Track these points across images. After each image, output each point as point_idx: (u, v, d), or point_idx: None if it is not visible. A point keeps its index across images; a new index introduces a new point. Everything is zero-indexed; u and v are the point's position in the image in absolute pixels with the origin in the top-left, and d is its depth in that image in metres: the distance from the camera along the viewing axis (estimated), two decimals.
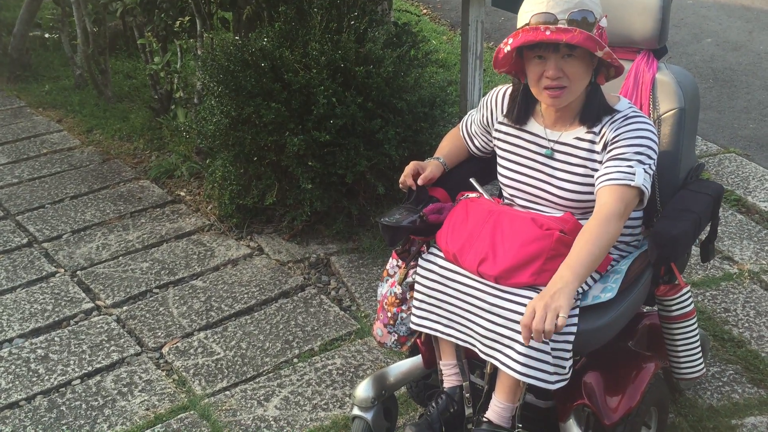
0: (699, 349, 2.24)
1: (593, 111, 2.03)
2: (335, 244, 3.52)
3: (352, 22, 3.38)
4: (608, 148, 2.00)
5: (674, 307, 2.18)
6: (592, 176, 2.04)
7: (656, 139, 2.01)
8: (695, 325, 2.21)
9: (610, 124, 2.02)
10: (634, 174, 1.94)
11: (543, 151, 2.10)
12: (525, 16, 1.95)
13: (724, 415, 2.54)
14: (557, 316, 1.75)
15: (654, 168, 2.01)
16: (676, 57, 5.45)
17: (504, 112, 2.19)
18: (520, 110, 2.13)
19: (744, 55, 5.55)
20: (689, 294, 2.19)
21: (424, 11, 6.76)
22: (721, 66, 5.38)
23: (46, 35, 5.93)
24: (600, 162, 2.02)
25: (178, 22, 4.04)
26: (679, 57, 5.48)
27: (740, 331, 2.91)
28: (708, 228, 2.36)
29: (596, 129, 2.04)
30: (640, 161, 1.96)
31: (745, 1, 6.59)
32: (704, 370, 2.26)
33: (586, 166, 2.04)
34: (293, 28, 3.39)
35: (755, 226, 3.56)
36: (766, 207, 3.69)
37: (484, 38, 4.04)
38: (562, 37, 1.85)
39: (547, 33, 1.87)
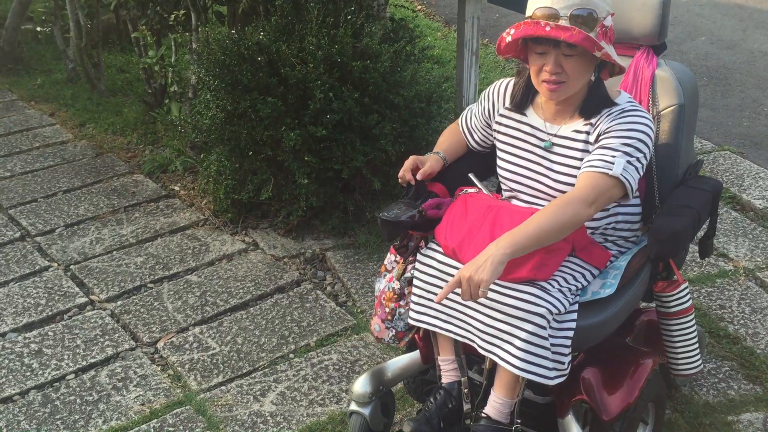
0: (696, 345, 2.24)
1: (594, 104, 2.03)
2: (331, 240, 3.50)
3: (349, 17, 3.36)
4: (599, 139, 2.00)
5: (672, 304, 2.18)
6: None
7: (650, 133, 2.00)
8: (693, 322, 2.22)
9: (606, 116, 2.02)
10: (613, 164, 1.93)
11: (542, 144, 2.10)
12: (531, 7, 1.95)
13: (720, 411, 2.54)
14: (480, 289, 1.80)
15: (644, 161, 1.99)
16: (670, 55, 5.46)
17: (506, 103, 2.18)
18: (524, 95, 2.13)
19: (738, 53, 5.56)
20: (687, 290, 2.19)
21: (419, 7, 6.75)
22: (715, 64, 5.39)
23: (38, 28, 5.88)
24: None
25: (172, 16, 4.01)
26: (674, 55, 5.49)
27: (736, 327, 2.92)
28: (706, 224, 2.36)
29: (593, 121, 2.04)
30: (626, 153, 1.95)
31: None
32: (701, 366, 2.27)
33: (582, 159, 2.04)
34: (290, 22, 3.37)
35: (750, 224, 3.57)
36: (760, 204, 3.70)
37: (479, 34, 4.04)
38: (560, 35, 1.85)
39: (547, 29, 1.87)
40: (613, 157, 1.94)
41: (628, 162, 1.95)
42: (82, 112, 4.82)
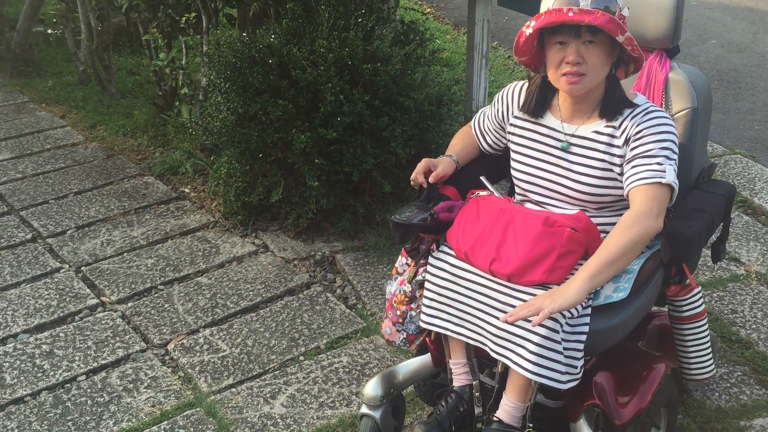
0: (709, 350, 2.22)
1: (613, 104, 2.03)
2: (341, 242, 3.50)
3: (360, 20, 3.37)
4: (632, 144, 2.00)
5: (685, 308, 2.17)
6: (611, 170, 2.03)
7: (677, 134, 2.02)
8: (706, 326, 2.20)
9: (632, 118, 2.01)
10: (664, 171, 1.94)
11: (559, 144, 2.10)
12: (546, 3, 1.95)
13: (732, 416, 2.53)
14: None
15: (677, 162, 2.00)
16: (680, 58, 5.43)
17: (520, 106, 2.18)
18: (538, 102, 2.12)
19: (749, 56, 5.54)
20: (700, 294, 2.18)
21: (428, 10, 6.75)
22: (726, 67, 5.37)
23: (49, 31, 5.91)
24: (620, 156, 2.02)
25: (183, 18, 4.02)
26: (684, 58, 5.47)
27: (748, 332, 2.90)
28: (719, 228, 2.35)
29: (616, 123, 2.03)
30: (667, 157, 1.97)
31: (749, 2, 6.59)
32: (714, 371, 2.25)
33: (604, 160, 2.04)
34: (300, 25, 3.38)
35: (762, 228, 3.55)
36: None
37: (489, 37, 4.03)
38: (584, 18, 1.86)
39: (570, 14, 1.87)
40: (660, 164, 1.95)
41: (672, 167, 1.96)
42: (92, 114, 4.84)
